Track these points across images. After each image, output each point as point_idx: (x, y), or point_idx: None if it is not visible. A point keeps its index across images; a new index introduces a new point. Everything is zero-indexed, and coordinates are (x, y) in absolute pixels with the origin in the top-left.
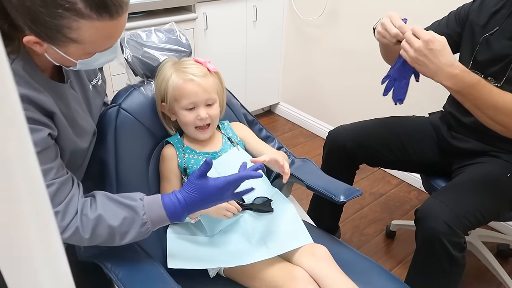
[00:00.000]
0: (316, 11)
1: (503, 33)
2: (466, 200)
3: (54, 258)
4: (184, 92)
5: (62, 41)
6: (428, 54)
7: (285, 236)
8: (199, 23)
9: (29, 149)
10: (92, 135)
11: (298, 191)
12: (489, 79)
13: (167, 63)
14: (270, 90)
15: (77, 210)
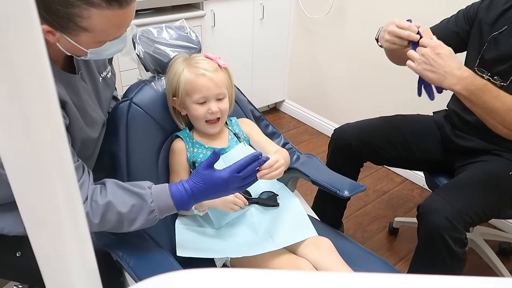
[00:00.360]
0: (323, 10)
1: (510, 33)
2: (468, 197)
3: (81, 232)
4: (196, 86)
5: (73, 29)
6: (436, 58)
7: (290, 229)
8: (207, 20)
9: (63, 139)
10: (101, 126)
11: (303, 187)
12: (495, 78)
13: (178, 59)
14: (276, 88)
15: (87, 196)
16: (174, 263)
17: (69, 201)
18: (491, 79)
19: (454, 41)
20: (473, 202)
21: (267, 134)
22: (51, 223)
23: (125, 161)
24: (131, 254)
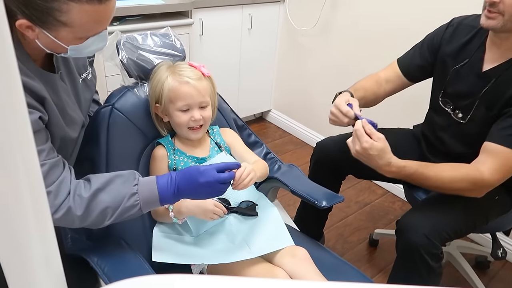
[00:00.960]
0: (310, 22)
1: (471, 66)
2: (445, 213)
3: (47, 239)
4: (180, 94)
5: (53, 24)
6: (367, 157)
7: (267, 238)
8: (195, 28)
9: (29, 136)
10: (81, 126)
11: (285, 197)
12: (457, 112)
13: (162, 66)
14: (262, 97)
15: (69, 190)
16: (150, 270)
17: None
18: (453, 113)
19: (420, 73)
20: (449, 218)
21: (250, 143)
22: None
23: (104, 167)
24: (106, 260)
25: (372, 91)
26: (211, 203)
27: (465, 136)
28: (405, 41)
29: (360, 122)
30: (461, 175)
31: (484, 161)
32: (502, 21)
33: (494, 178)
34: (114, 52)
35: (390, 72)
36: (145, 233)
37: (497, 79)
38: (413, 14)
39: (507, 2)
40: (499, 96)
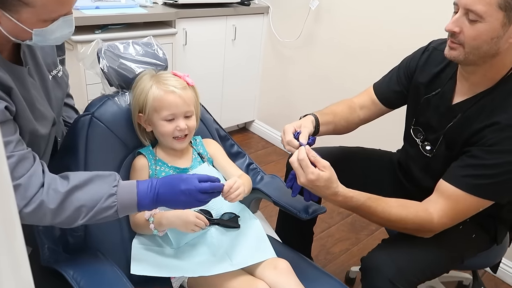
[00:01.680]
0: (294, 34)
1: (442, 97)
2: (414, 254)
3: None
4: (165, 103)
5: (13, 5)
6: (313, 188)
7: (249, 250)
8: (178, 38)
9: None
10: (51, 124)
11: (268, 208)
12: (426, 143)
13: (145, 75)
14: (246, 108)
15: (42, 183)
16: (128, 283)
17: None
18: (421, 145)
19: (396, 99)
20: (419, 260)
21: (232, 154)
22: None
23: None
24: (82, 273)
25: (343, 117)
26: (192, 214)
27: (432, 171)
28: (386, 55)
29: (304, 149)
30: (410, 215)
31: (435, 201)
32: (464, 53)
33: (442, 221)
34: (94, 60)
35: (365, 98)
36: (124, 245)
37: (462, 114)
38: (395, 29)
39: (467, 34)
40: (461, 134)
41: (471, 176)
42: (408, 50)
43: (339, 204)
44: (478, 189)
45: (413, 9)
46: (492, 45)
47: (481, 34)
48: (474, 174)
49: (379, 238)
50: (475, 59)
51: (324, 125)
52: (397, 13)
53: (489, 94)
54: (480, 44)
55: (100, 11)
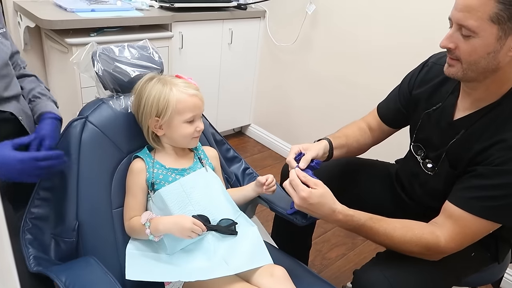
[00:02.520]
0: (290, 38)
1: (443, 112)
2: (410, 273)
3: None
4: (189, 105)
5: None
6: (309, 207)
7: (246, 256)
8: (174, 41)
9: None
10: None
11: (264, 213)
12: (428, 161)
13: (152, 80)
14: (241, 112)
15: None
16: None
17: None
18: (422, 162)
19: (398, 119)
20: (414, 279)
21: (228, 158)
22: None
23: (75, 182)
24: (75, 280)
25: (355, 138)
26: (189, 221)
27: (433, 190)
28: (383, 59)
29: (294, 172)
30: (414, 237)
31: (442, 224)
32: (462, 70)
33: (450, 246)
34: (89, 63)
35: (371, 119)
36: (117, 249)
37: (466, 131)
38: (393, 34)
39: (462, 49)
40: (465, 151)
41: (478, 199)
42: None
43: (340, 224)
44: (486, 211)
45: (412, 14)
46: (490, 60)
47: (476, 50)
48: (482, 196)
49: (375, 244)
50: (475, 75)
51: (338, 148)
52: (395, 18)
53: (493, 109)
54: (477, 60)
55: (95, 14)
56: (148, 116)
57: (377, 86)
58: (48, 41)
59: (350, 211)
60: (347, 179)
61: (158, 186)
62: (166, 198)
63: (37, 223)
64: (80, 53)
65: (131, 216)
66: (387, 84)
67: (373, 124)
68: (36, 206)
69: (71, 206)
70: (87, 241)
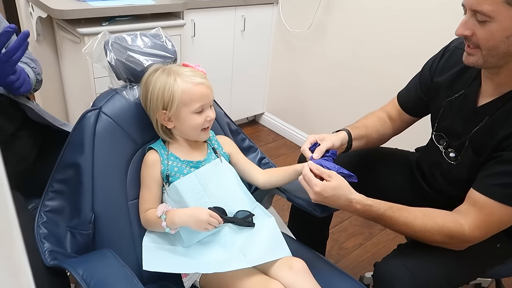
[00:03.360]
0: (304, 24)
1: (466, 100)
2: (433, 266)
3: None
4: (195, 95)
5: None
6: (325, 201)
7: (263, 248)
8: (187, 30)
9: None
10: None
11: (279, 202)
12: (450, 150)
13: (157, 71)
14: (255, 100)
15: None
16: (138, 284)
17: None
18: (445, 152)
19: (419, 107)
20: (437, 271)
21: (243, 148)
22: None
23: (90, 175)
24: (92, 274)
25: (375, 129)
26: (206, 213)
27: (456, 180)
28: (399, 46)
29: (307, 166)
30: (436, 226)
31: (466, 212)
32: (482, 57)
33: (475, 234)
34: (102, 53)
35: (391, 108)
36: (134, 241)
37: (489, 117)
38: (409, 19)
39: (479, 36)
40: (490, 139)
41: (504, 185)
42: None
43: (359, 214)
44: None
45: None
46: (510, 43)
47: (494, 35)
48: (507, 182)
49: (393, 233)
50: (496, 61)
51: (357, 139)
52: (411, 3)
53: None
54: (496, 45)
55: (107, 2)
56: (155, 109)
57: (395, 73)
58: (60, 32)
59: (368, 201)
60: (366, 168)
61: (173, 179)
62: (181, 190)
63: (52, 216)
64: (92, 43)
65: (147, 209)
66: (406, 71)
67: (393, 113)
68: (50, 199)
69: (86, 198)
70: (103, 233)
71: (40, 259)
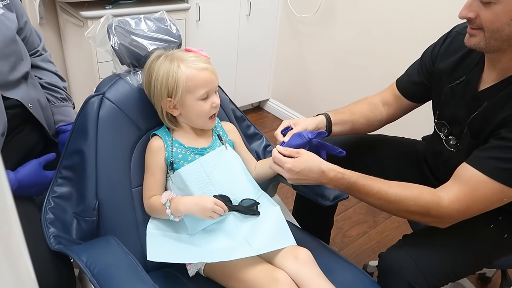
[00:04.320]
0: (311, 9)
1: (468, 85)
2: (437, 254)
3: None
4: (200, 81)
5: None
6: (299, 177)
7: (269, 236)
8: (191, 14)
9: None
10: None
11: (283, 189)
12: (451, 138)
13: (159, 58)
14: (260, 86)
15: None
16: (142, 272)
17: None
18: (445, 139)
19: (419, 92)
20: (442, 260)
21: (248, 135)
22: None
23: (94, 161)
24: (96, 261)
25: (362, 114)
26: (210, 201)
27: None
28: (409, 31)
29: (276, 150)
30: (412, 196)
31: (450, 185)
32: (484, 39)
33: (454, 207)
34: (105, 37)
35: (387, 94)
36: (138, 228)
37: (489, 102)
38: (419, 5)
39: (484, 18)
40: (488, 121)
41: (497, 159)
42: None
43: (333, 184)
44: (502, 174)
45: None
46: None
47: (499, 16)
48: (501, 156)
49: (397, 221)
50: (499, 44)
51: (339, 124)
52: None
53: None
54: (501, 27)
55: None
56: (160, 97)
57: (403, 58)
58: (63, 15)
59: (340, 169)
60: (369, 156)
61: (177, 166)
62: (185, 178)
63: (59, 202)
64: (95, 27)
65: (151, 195)
66: (414, 57)
67: (390, 99)
68: (59, 185)
69: (90, 184)
70: (107, 220)
71: (45, 245)
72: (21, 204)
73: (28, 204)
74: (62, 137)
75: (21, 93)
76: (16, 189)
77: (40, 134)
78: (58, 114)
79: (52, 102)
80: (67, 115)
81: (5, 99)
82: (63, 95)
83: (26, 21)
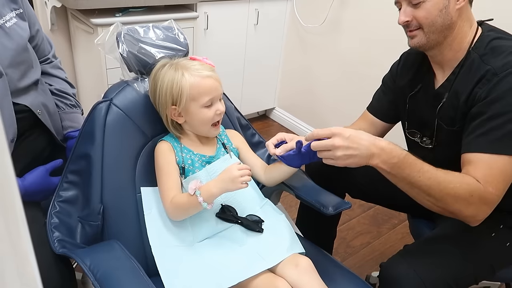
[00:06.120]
0: (318, 19)
1: (425, 89)
2: (440, 266)
3: None
4: (204, 89)
5: None
6: (350, 144)
7: (279, 246)
8: (199, 22)
9: None
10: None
11: (287, 198)
12: (424, 140)
13: (164, 66)
14: (266, 95)
15: None
16: (144, 277)
17: None
18: (421, 142)
19: (392, 111)
20: (443, 270)
21: (253, 143)
22: None
23: (100, 165)
24: (99, 265)
25: None
26: (234, 168)
27: (438, 163)
28: None
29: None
30: (457, 177)
31: (467, 172)
32: (424, 35)
33: (489, 190)
34: (114, 44)
35: (362, 122)
36: (142, 234)
37: (449, 92)
38: None
39: (418, 16)
40: (455, 108)
41: (482, 135)
42: None
43: (383, 158)
44: (494, 145)
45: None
46: (444, 16)
47: (430, 11)
48: (483, 132)
49: (401, 232)
50: (437, 37)
51: None
52: None
53: (464, 64)
54: (434, 20)
55: None
56: (165, 105)
57: None
58: (74, 22)
59: (391, 142)
60: (358, 168)
61: (187, 171)
62: None
63: (65, 206)
64: (104, 34)
65: (171, 196)
66: None
67: (364, 126)
68: (64, 189)
69: (96, 189)
70: (111, 225)
71: (49, 248)
72: (27, 208)
73: (33, 208)
74: (70, 142)
75: (30, 99)
76: (22, 196)
77: (47, 139)
78: (67, 120)
79: (61, 108)
80: (76, 121)
81: (14, 105)
82: (72, 102)
83: (38, 29)
